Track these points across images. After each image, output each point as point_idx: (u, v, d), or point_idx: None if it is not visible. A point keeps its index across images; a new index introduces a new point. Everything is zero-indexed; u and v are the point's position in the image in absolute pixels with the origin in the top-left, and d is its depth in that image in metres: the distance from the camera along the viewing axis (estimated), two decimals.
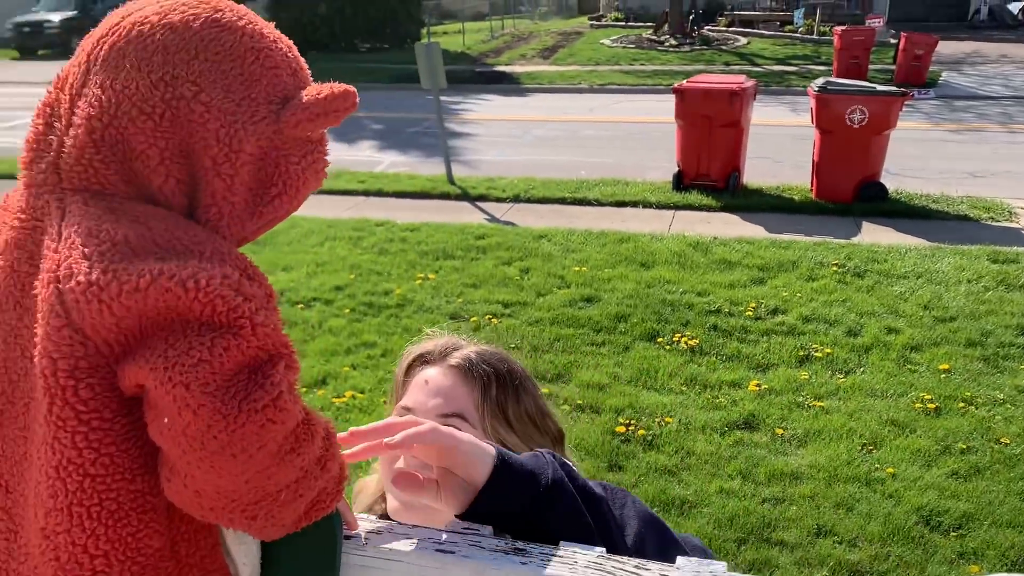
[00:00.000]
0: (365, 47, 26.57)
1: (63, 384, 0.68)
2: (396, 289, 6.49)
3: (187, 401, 0.64)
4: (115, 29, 0.77)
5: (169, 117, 0.73)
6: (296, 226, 8.01)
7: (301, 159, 0.81)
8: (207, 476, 0.66)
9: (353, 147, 12.40)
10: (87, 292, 0.66)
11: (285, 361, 0.70)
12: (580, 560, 0.75)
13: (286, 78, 0.81)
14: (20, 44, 26.50)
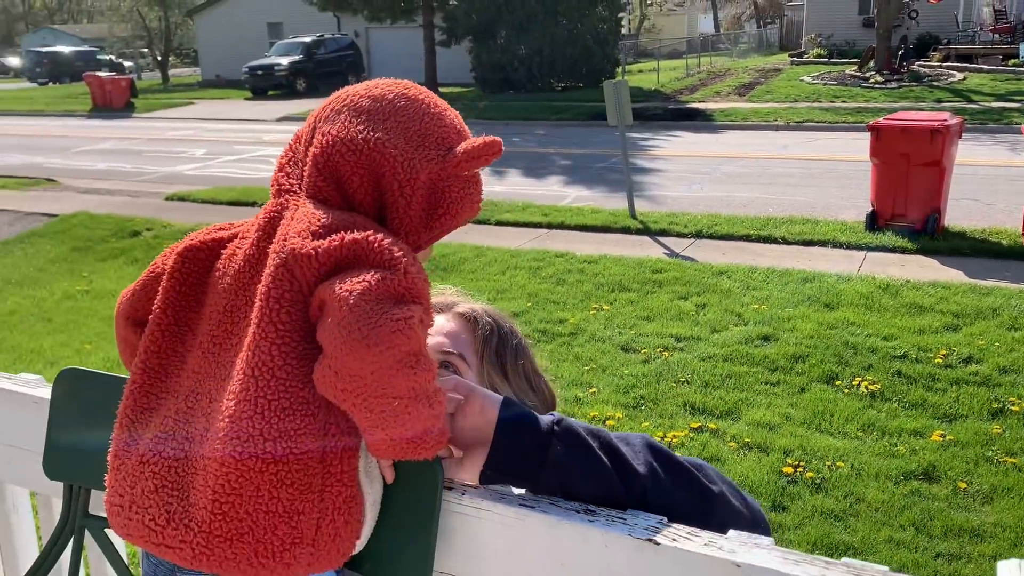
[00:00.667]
0: (561, 86, 27.28)
1: (272, 307, 0.92)
2: (570, 318, 6.65)
3: (348, 301, 0.86)
4: (335, 99, 1.07)
5: (367, 154, 1.00)
6: (481, 255, 8.39)
7: (460, 191, 1.05)
8: (346, 359, 0.86)
9: (541, 181, 12.78)
10: (302, 242, 0.93)
11: (423, 306, 0.91)
12: (640, 523, 0.84)
13: (452, 135, 1.06)
14: (253, 85, 29.40)
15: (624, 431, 4.53)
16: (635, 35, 50.30)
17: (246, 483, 0.90)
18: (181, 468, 0.94)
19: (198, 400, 0.97)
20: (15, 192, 13.03)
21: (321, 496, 0.92)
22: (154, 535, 0.93)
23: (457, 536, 0.94)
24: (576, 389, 5.40)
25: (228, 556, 0.90)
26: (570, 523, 0.86)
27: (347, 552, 0.95)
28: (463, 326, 1.32)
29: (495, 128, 19.77)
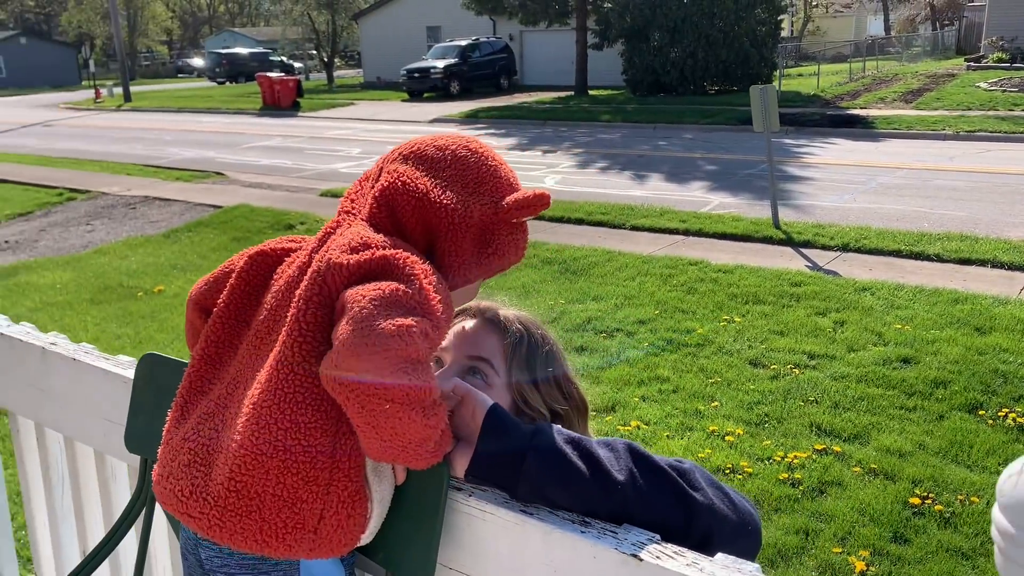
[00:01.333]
0: (714, 89, 26.71)
1: (301, 307, 1.01)
2: (698, 328, 6.53)
3: (360, 302, 0.94)
4: (404, 146, 1.19)
5: (422, 199, 1.10)
6: (612, 260, 8.37)
7: (508, 235, 1.15)
8: (346, 353, 0.92)
9: (683, 187, 12.58)
10: (337, 266, 1.01)
11: (432, 321, 0.97)
12: (630, 538, 0.85)
13: (504, 186, 1.16)
14: (409, 88, 30.46)
15: (744, 448, 4.42)
16: (797, 38, 48.48)
17: (257, 466, 0.98)
18: (212, 447, 1.04)
19: (236, 388, 1.07)
20: (188, 184, 14.11)
21: (327, 489, 0.99)
22: (180, 504, 1.04)
23: (463, 534, 0.99)
24: (697, 402, 5.31)
25: (237, 531, 0.99)
26: (563, 533, 0.88)
27: (349, 543, 1.01)
28: (491, 330, 1.34)
29: (643, 131, 19.63)
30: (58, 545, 1.71)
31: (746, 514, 1.10)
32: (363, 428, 0.96)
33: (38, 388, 1.58)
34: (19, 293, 8.25)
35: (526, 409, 1.29)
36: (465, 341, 1.32)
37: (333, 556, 1.02)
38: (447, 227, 1.09)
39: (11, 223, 12.09)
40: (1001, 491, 0.54)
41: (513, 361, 1.30)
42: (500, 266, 1.14)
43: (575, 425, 1.33)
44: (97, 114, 30.74)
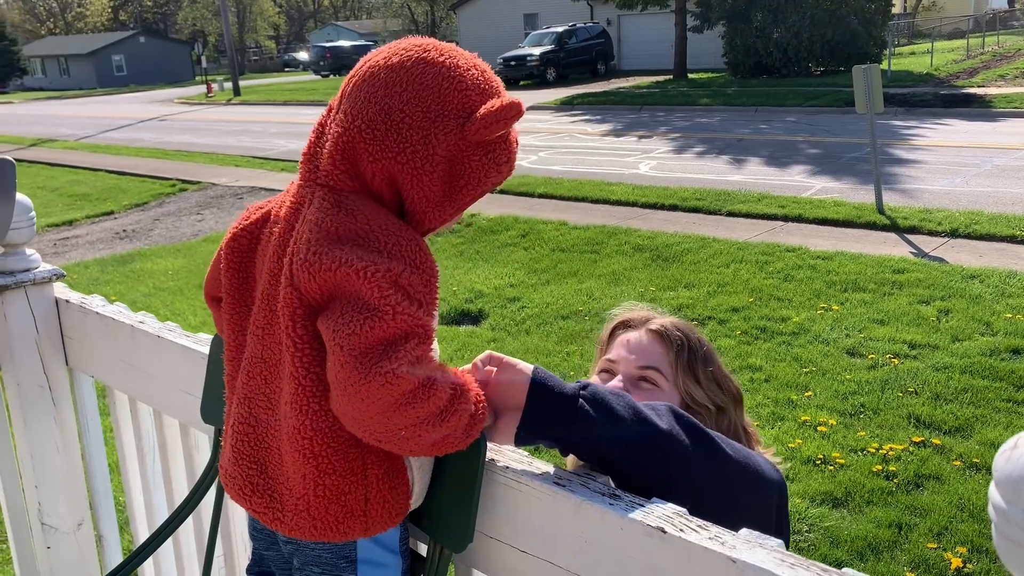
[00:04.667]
0: (819, 71, 25.81)
1: (287, 323, 1.01)
2: (794, 317, 6.37)
3: (339, 357, 0.94)
4: (357, 69, 1.09)
5: (381, 130, 1.03)
6: (706, 247, 8.24)
7: (482, 158, 1.05)
8: (345, 405, 0.95)
9: (783, 171, 12.24)
10: (302, 266, 0.99)
11: (417, 339, 0.96)
12: (656, 511, 0.87)
13: (474, 97, 1.04)
14: (506, 76, 30.53)
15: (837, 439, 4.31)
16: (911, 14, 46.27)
17: (297, 473, 1.04)
18: (251, 443, 1.10)
19: (251, 379, 1.11)
20: (292, 175, 14.52)
21: (364, 475, 1.04)
22: (245, 501, 1.12)
23: (500, 505, 1.02)
24: (790, 391, 5.19)
25: (295, 526, 1.06)
26: (592, 504, 0.90)
27: (400, 513, 1.07)
28: (656, 341, 1.43)
29: (743, 114, 19.17)
30: (151, 508, 1.84)
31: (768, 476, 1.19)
32: (388, 448, 1.00)
33: (129, 363, 1.70)
34: (135, 279, 8.74)
35: (693, 406, 1.41)
36: (633, 353, 1.42)
37: (389, 528, 1.07)
38: (411, 174, 1.02)
39: (128, 213, 12.80)
40: (996, 467, 0.54)
41: (678, 366, 1.40)
42: (476, 195, 1.07)
43: (733, 414, 1.46)
44: (208, 108, 32.11)
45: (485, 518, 1.04)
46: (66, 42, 63.20)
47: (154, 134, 23.15)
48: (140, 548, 1.57)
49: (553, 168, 13.37)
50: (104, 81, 55.41)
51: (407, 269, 0.98)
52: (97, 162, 17.74)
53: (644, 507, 0.88)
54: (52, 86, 58.54)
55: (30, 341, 1.85)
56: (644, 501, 0.89)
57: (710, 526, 0.83)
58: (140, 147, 20.06)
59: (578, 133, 17.85)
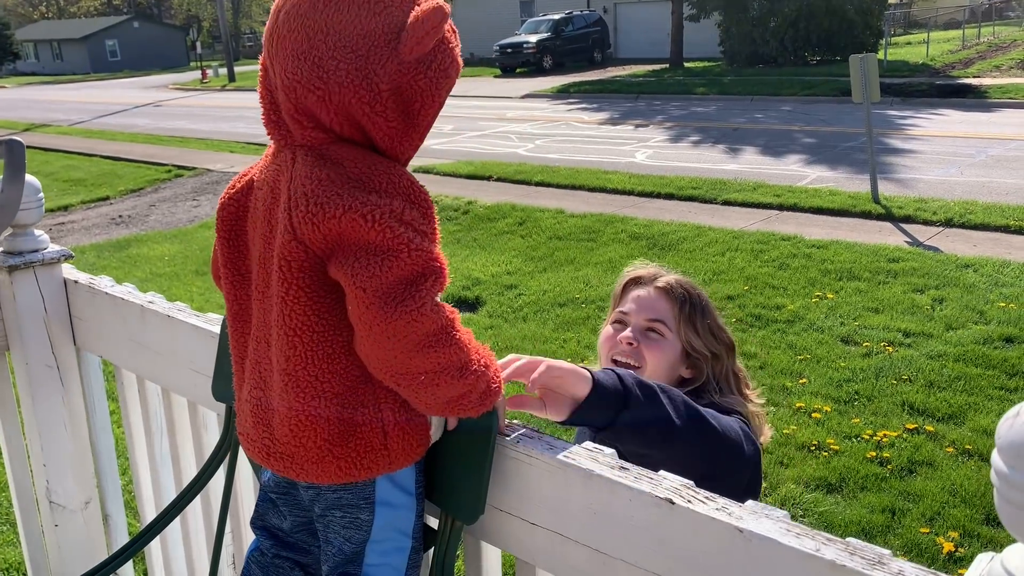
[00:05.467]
0: (815, 60, 25.81)
1: (296, 274, 1.03)
2: (789, 305, 6.40)
3: (362, 299, 0.97)
4: (274, 20, 1.06)
5: (323, 87, 1.01)
6: (702, 235, 8.26)
7: (427, 72, 1.03)
8: (371, 346, 0.99)
9: (779, 160, 12.26)
10: (305, 218, 1.00)
11: (434, 276, 0.99)
12: (665, 484, 0.89)
13: (396, 13, 1.01)
14: (502, 63, 30.50)
15: (832, 425, 4.38)
16: (907, 4, 46.22)
17: (310, 420, 1.06)
18: (264, 407, 1.13)
19: (259, 344, 1.14)
20: None
21: (377, 407, 1.07)
22: (264, 461, 1.15)
23: (511, 478, 1.05)
24: (784, 378, 5.23)
25: (319, 472, 1.09)
26: (601, 476, 0.93)
27: (421, 445, 1.10)
28: (663, 296, 1.66)
29: (739, 103, 19.17)
30: (158, 487, 1.86)
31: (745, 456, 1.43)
32: (405, 394, 1.04)
33: (138, 343, 1.72)
34: (131, 264, 8.74)
35: (692, 352, 1.63)
36: (643, 307, 1.65)
37: (413, 461, 1.10)
38: (365, 114, 1.01)
39: (124, 199, 12.77)
40: (999, 434, 0.56)
41: (681, 319, 1.63)
42: (436, 110, 1.06)
43: (727, 360, 1.68)
44: (203, 94, 31.97)
45: (496, 491, 1.06)
46: (59, 26, 62.77)
47: (149, 120, 23.05)
48: (148, 527, 1.60)
49: (550, 156, 13.37)
50: (98, 66, 55.07)
51: (406, 204, 1.00)
52: (92, 147, 17.67)
53: (652, 479, 0.91)
54: (45, 71, 58.17)
55: (39, 321, 1.87)
56: (652, 474, 0.92)
57: (717, 498, 0.85)
58: (135, 133, 19.98)
59: (575, 121, 17.84)
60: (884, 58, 23.13)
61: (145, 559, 2.01)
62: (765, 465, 4.23)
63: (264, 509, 1.28)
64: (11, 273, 1.83)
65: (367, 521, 1.11)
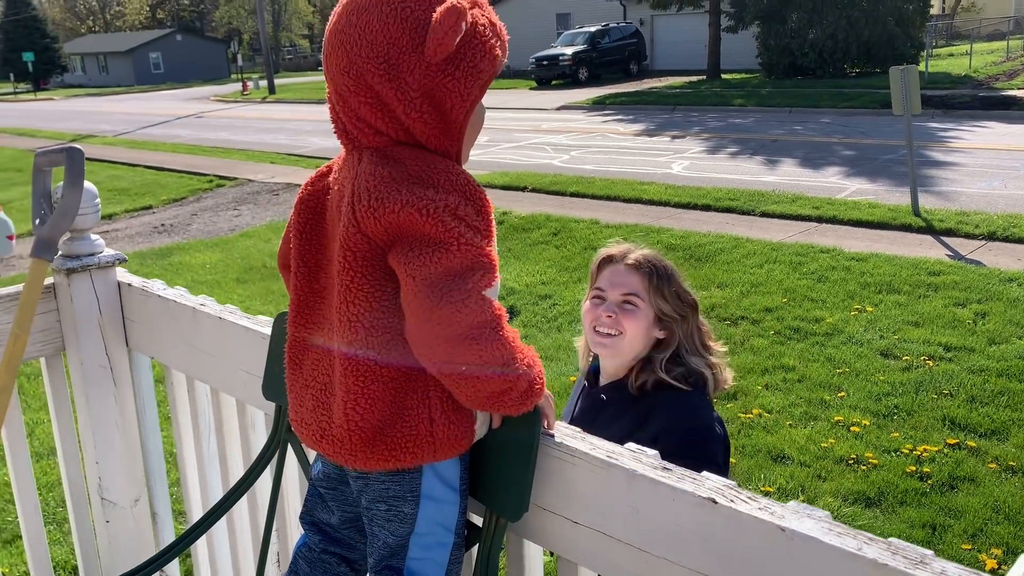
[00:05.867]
0: (855, 72, 25.55)
1: (359, 264, 1.09)
2: (827, 317, 6.34)
3: (411, 287, 1.02)
4: (326, 39, 1.14)
5: (365, 96, 1.09)
6: (739, 247, 8.22)
7: (454, 73, 1.08)
8: (417, 332, 1.05)
9: (818, 172, 12.16)
10: (367, 212, 1.07)
11: (483, 271, 1.03)
12: (708, 484, 0.91)
13: (420, 17, 1.07)
14: (538, 75, 30.58)
15: (870, 439, 4.32)
16: (949, 16, 45.60)
17: (365, 402, 1.11)
18: (327, 392, 1.17)
19: (331, 333, 1.18)
20: None
21: (426, 395, 1.11)
22: (317, 444, 1.19)
23: (554, 477, 1.07)
24: (823, 392, 5.19)
25: (369, 457, 1.13)
26: (645, 476, 0.95)
27: (466, 438, 1.13)
28: (633, 272, 1.85)
29: (777, 115, 19.04)
30: (205, 485, 1.91)
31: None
32: (448, 384, 1.07)
33: (189, 344, 1.78)
34: (173, 272, 8.90)
35: (664, 317, 1.83)
36: (616, 283, 1.86)
37: (457, 453, 1.14)
38: (406, 119, 1.08)
39: (167, 208, 13.02)
40: None
41: (651, 289, 1.83)
42: (471, 104, 1.10)
43: (692, 319, 1.86)
44: (244, 106, 32.47)
45: (539, 491, 1.09)
46: (105, 40, 64.21)
47: (191, 131, 23.47)
48: (195, 525, 1.64)
49: (585, 167, 13.39)
50: (142, 78, 56.22)
51: (462, 201, 1.06)
52: (135, 158, 18.04)
53: (695, 479, 0.92)
54: (91, 83, 59.53)
55: (93, 322, 1.93)
56: (694, 474, 0.93)
57: (759, 498, 0.87)
58: (177, 143, 20.36)
59: (610, 133, 17.84)
60: (925, 70, 22.84)
61: (191, 556, 2.06)
62: (803, 478, 4.20)
63: (312, 504, 1.31)
64: (68, 276, 1.89)
65: (411, 514, 1.14)
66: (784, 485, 4.16)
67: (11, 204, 12.44)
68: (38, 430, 5.06)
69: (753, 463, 4.37)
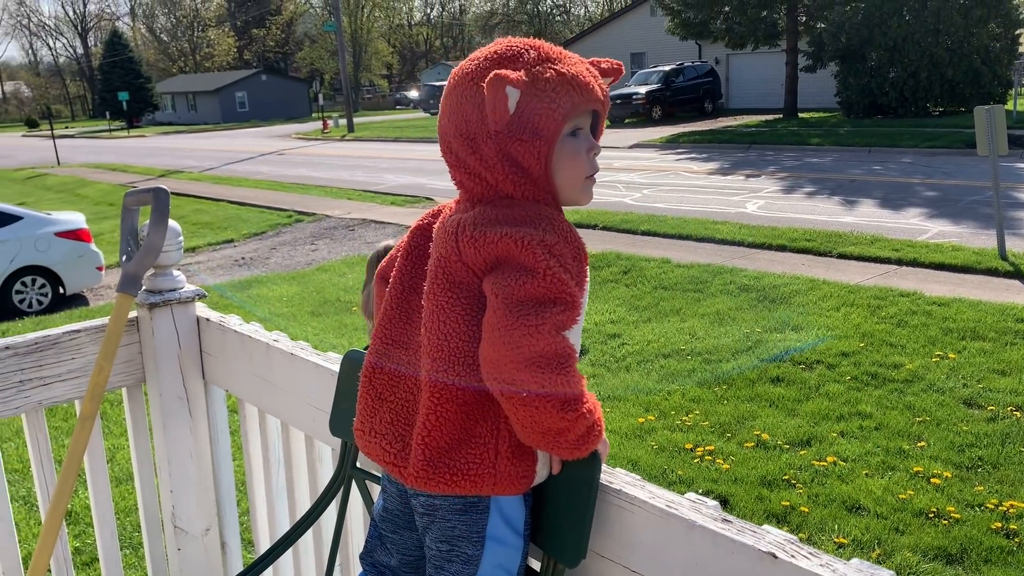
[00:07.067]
0: (938, 111, 24.91)
1: (454, 289, 1.16)
2: (907, 364, 6.14)
3: (493, 304, 1.08)
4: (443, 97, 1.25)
5: (460, 164, 1.21)
6: (815, 289, 8.05)
7: (520, 136, 1.15)
8: (488, 347, 1.08)
9: (897, 213, 11.85)
10: (469, 241, 1.14)
11: (563, 306, 1.07)
12: (768, 537, 0.89)
13: (480, 99, 1.16)
14: (611, 114, 30.64)
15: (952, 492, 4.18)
16: None
17: (441, 423, 1.14)
18: (411, 408, 1.21)
19: (411, 351, 1.24)
20: (400, 208, 15.04)
21: (496, 427, 1.14)
22: (385, 456, 1.23)
23: (613, 525, 1.06)
24: (902, 441, 5.01)
25: (430, 477, 1.16)
26: (704, 527, 0.94)
27: (526, 478, 1.15)
28: None
29: (856, 154, 18.67)
30: (273, 517, 1.95)
31: None
32: (508, 409, 1.10)
33: (262, 378, 1.83)
34: (252, 304, 9.16)
35: None
36: None
37: (517, 491, 1.15)
38: (493, 180, 1.17)
39: (247, 241, 13.43)
40: None
41: None
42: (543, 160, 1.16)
43: None
44: (323, 143, 33.41)
45: (597, 538, 1.08)
46: (194, 80, 67.07)
47: (273, 167, 24.25)
48: (263, 556, 1.68)
49: (656, 206, 13.33)
50: (228, 116, 58.44)
51: (560, 241, 1.11)
52: (219, 193, 18.72)
53: (755, 532, 0.91)
54: (180, 120, 62.14)
55: (173, 355, 2.01)
56: (755, 527, 0.92)
57: (820, 554, 0.85)
58: (259, 179, 21.04)
59: (683, 171, 17.75)
60: (1013, 109, 22.12)
61: None
62: (879, 530, 4.05)
63: (373, 545, 1.33)
64: (151, 310, 1.98)
65: (475, 556, 1.15)
66: (859, 537, 4.01)
67: (101, 236, 13.02)
68: (118, 455, 5.24)
69: (827, 512, 4.23)
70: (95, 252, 10.25)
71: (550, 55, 1.19)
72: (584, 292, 1.13)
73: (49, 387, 1.91)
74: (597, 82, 1.21)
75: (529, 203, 1.16)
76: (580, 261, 1.13)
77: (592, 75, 1.20)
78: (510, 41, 1.20)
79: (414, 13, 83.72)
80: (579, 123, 1.19)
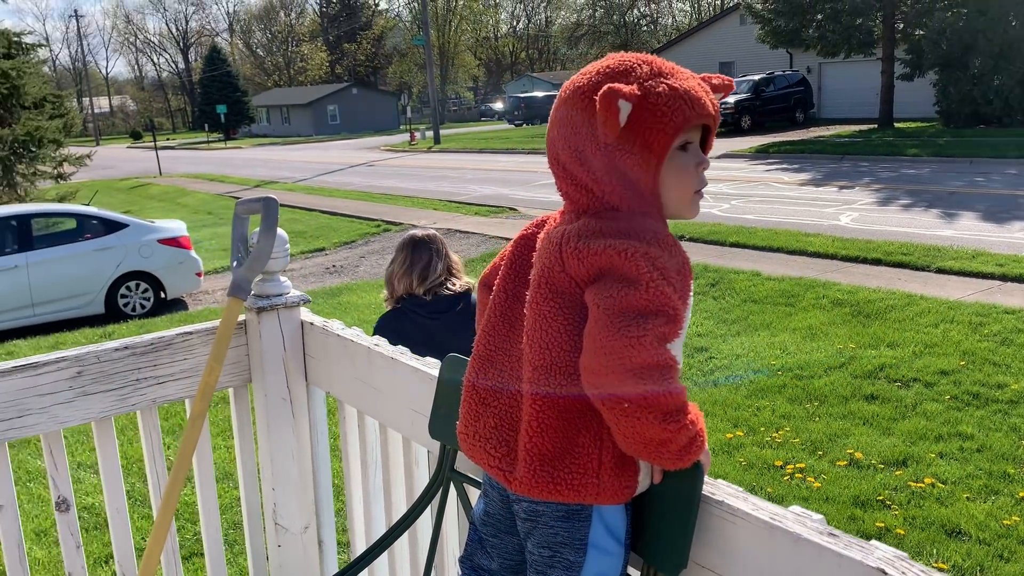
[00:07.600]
0: None
1: (557, 298, 1.18)
2: (1012, 384, 5.87)
3: (595, 314, 1.09)
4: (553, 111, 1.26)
5: (568, 176, 1.23)
6: (912, 304, 7.77)
7: (630, 150, 1.16)
8: (589, 358, 1.09)
9: (1002, 227, 11.34)
10: (573, 253, 1.16)
11: (665, 318, 1.07)
12: (876, 553, 0.88)
13: (593, 114, 1.17)
14: None
15: None
16: None
17: (546, 429, 1.16)
18: (515, 415, 1.23)
19: (513, 358, 1.26)
20: (484, 219, 15.18)
21: (600, 438, 1.15)
22: (490, 458, 1.25)
23: (714, 535, 1.06)
24: (1006, 464, 4.79)
25: (534, 484, 1.18)
26: (810, 541, 0.93)
27: (628, 488, 1.15)
28: None
29: (956, 165, 17.96)
30: (369, 518, 2.01)
31: None
32: (609, 419, 1.11)
33: (362, 381, 1.89)
34: (341, 310, 9.39)
35: None
36: None
37: (619, 501, 1.16)
38: (600, 192, 1.18)
39: (338, 250, 13.78)
40: None
41: None
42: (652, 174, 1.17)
43: None
44: (411, 155, 34.02)
45: (698, 549, 1.08)
46: (288, 93, 69.21)
47: (362, 178, 24.81)
48: (360, 557, 1.72)
49: (746, 217, 13.10)
50: (320, 129, 60.09)
51: (664, 254, 1.11)
52: (312, 203, 19.26)
53: (863, 547, 0.90)
54: (275, 133, 64.21)
55: (278, 357, 2.09)
56: (863, 542, 0.91)
57: (932, 571, 0.83)
58: (350, 190, 21.57)
59: (773, 182, 17.39)
60: None
61: None
62: (981, 557, 3.88)
63: (473, 549, 1.36)
64: (259, 314, 2.06)
65: (576, 563, 1.16)
66: (960, 563, 3.86)
67: (200, 244, 13.56)
68: (214, 455, 5.44)
69: (925, 536, 4.08)
70: (195, 258, 10.70)
71: (663, 70, 1.19)
72: (687, 306, 1.13)
73: (163, 385, 2.01)
74: (708, 97, 1.21)
75: (634, 215, 1.17)
76: (684, 275, 1.13)
77: (704, 90, 1.20)
78: (623, 56, 1.20)
79: (500, 26, 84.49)
80: (689, 137, 1.20)
